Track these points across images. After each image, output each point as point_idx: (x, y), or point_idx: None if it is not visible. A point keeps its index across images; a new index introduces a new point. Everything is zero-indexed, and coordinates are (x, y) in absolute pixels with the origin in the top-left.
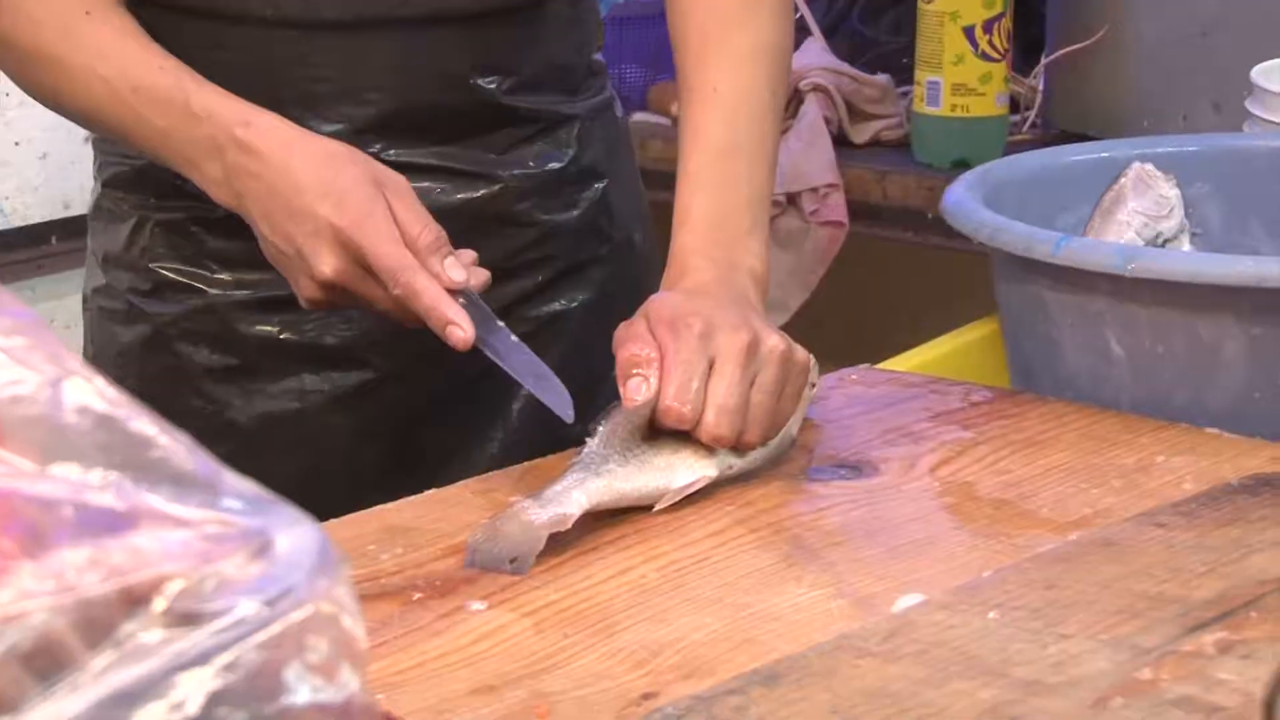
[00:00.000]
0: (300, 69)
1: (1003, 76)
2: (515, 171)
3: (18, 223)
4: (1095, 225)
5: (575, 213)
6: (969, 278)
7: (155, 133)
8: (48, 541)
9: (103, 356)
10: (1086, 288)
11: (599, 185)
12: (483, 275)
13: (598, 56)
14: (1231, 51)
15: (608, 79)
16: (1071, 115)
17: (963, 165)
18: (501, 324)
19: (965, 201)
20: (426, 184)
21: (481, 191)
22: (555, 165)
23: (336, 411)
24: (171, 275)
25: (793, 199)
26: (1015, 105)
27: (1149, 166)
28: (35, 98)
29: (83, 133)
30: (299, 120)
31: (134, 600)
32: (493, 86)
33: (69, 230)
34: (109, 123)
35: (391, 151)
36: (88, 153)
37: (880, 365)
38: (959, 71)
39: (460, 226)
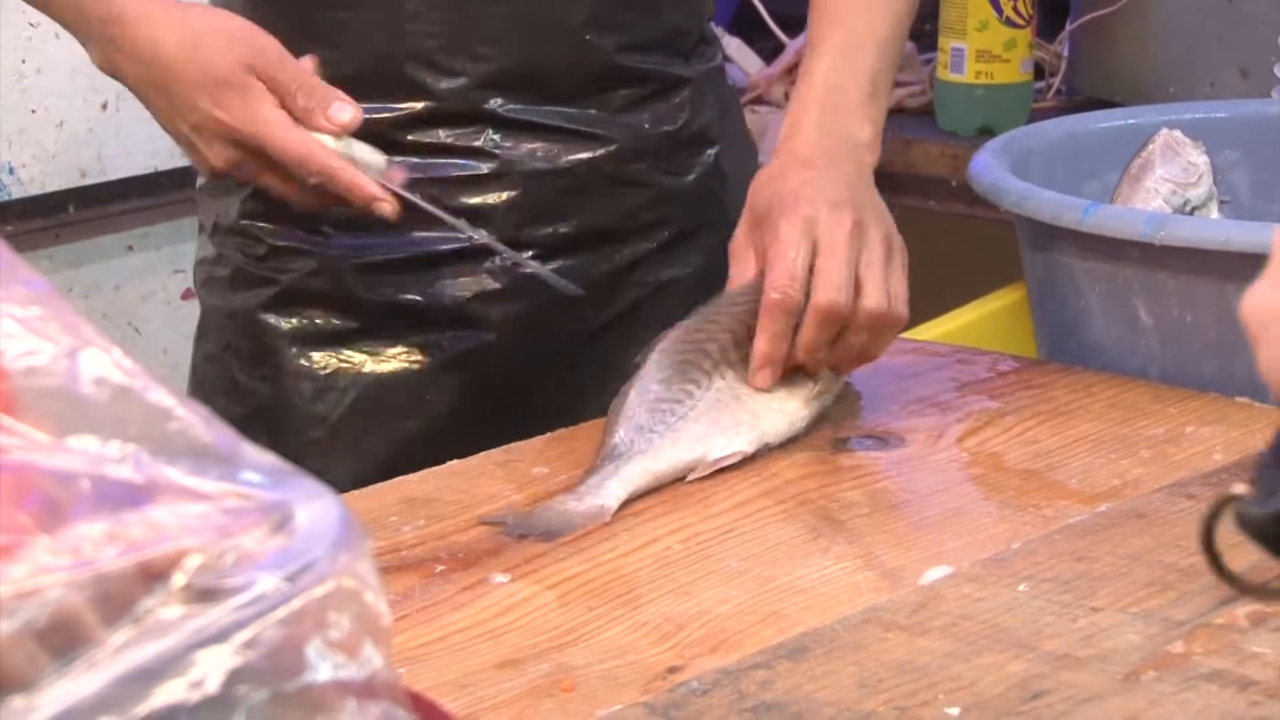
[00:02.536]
0: (415, 24)
1: (1027, 43)
2: (629, 132)
3: (34, 191)
4: (1123, 192)
5: (690, 177)
6: (992, 246)
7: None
8: (65, 515)
9: (210, 323)
10: (1115, 256)
11: (712, 150)
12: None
13: (710, 25)
14: (1260, 17)
15: (720, 48)
16: (1096, 82)
17: (987, 132)
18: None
19: (992, 169)
20: (542, 145)
21: (597, 152)
22: (668, 128)
23: (452, 371)
24: (285, 241)
25: None
26: (1040, 72)
27: (1177, 133)
28: None
29: (100, 100)
30: (416, 79)
31: (152, 575)
32: (606, 43)
33: (86, 199)
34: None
35: (509, 107)
36: (106, 120)
37: (904, 334)
38: (983, 38)
39: (574, 185)
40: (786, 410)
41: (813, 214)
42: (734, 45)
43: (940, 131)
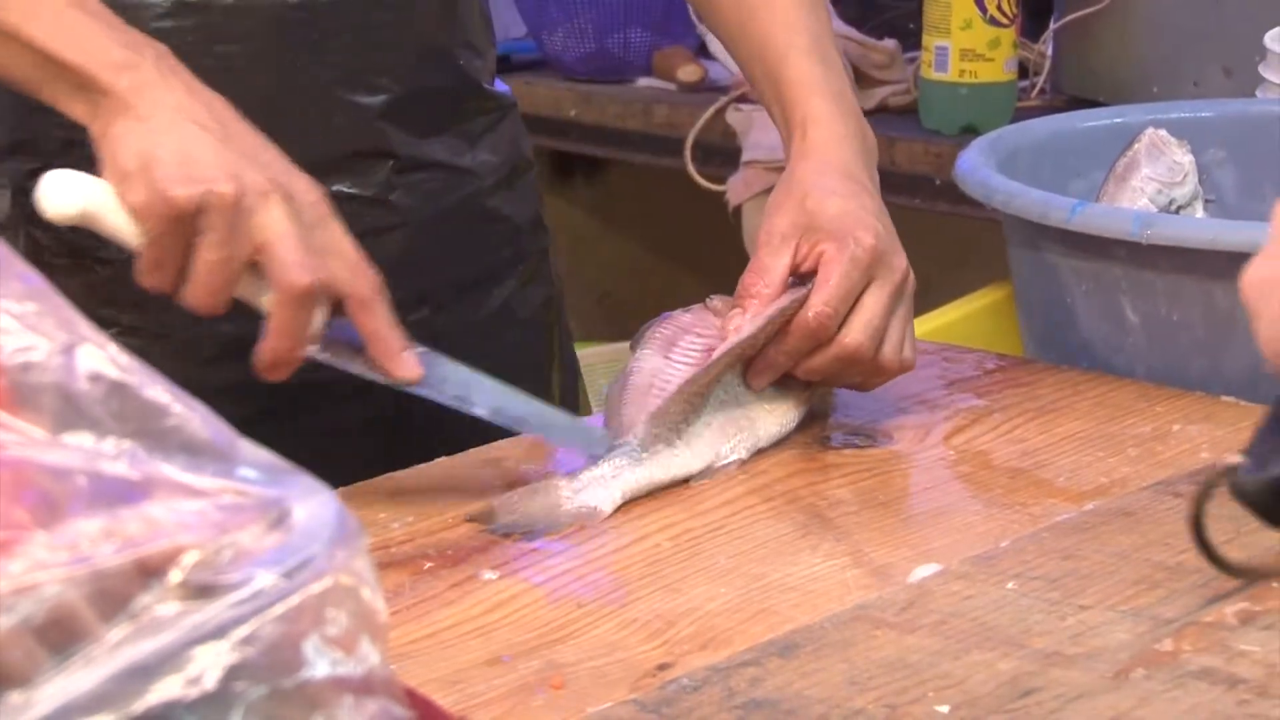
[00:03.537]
0: (314, 55)
1: (1011, 42)
2: (486, 165)
3: None
4: (1109, 191)
5: (530, 205)
6: (977, 244)
7: None
8: (61, 511)
9: None
10: (1102, 254)
11: (532, 174)
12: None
13: None
14: (1243, 16)
15: None
16: (1080, 81)
17: (971, 131)
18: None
19: (979, 167)
20: (430, 183)
21: (467, 189)
22: (509, 153)
23: (370, 435)
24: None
25: None
26: (1024, 71)
27: (1162, 132)
28: None
29: None
30: (311, 117)
31: (149, 572)
32: (473, 67)
33: None
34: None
35: (403, 138)
36: None
37: None
38: (967, 37)
39: (452, 229)
40: (778, 414)
41: (877, 247)
42: (718, 43)
43: (924, 130)
